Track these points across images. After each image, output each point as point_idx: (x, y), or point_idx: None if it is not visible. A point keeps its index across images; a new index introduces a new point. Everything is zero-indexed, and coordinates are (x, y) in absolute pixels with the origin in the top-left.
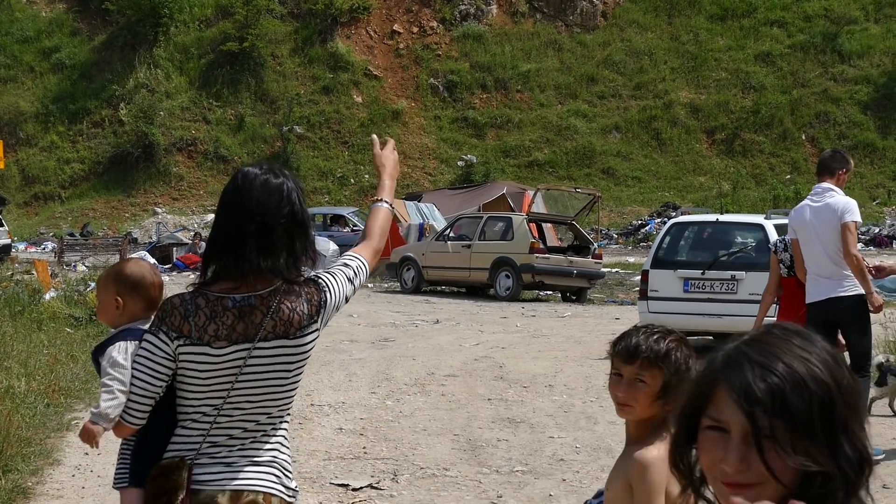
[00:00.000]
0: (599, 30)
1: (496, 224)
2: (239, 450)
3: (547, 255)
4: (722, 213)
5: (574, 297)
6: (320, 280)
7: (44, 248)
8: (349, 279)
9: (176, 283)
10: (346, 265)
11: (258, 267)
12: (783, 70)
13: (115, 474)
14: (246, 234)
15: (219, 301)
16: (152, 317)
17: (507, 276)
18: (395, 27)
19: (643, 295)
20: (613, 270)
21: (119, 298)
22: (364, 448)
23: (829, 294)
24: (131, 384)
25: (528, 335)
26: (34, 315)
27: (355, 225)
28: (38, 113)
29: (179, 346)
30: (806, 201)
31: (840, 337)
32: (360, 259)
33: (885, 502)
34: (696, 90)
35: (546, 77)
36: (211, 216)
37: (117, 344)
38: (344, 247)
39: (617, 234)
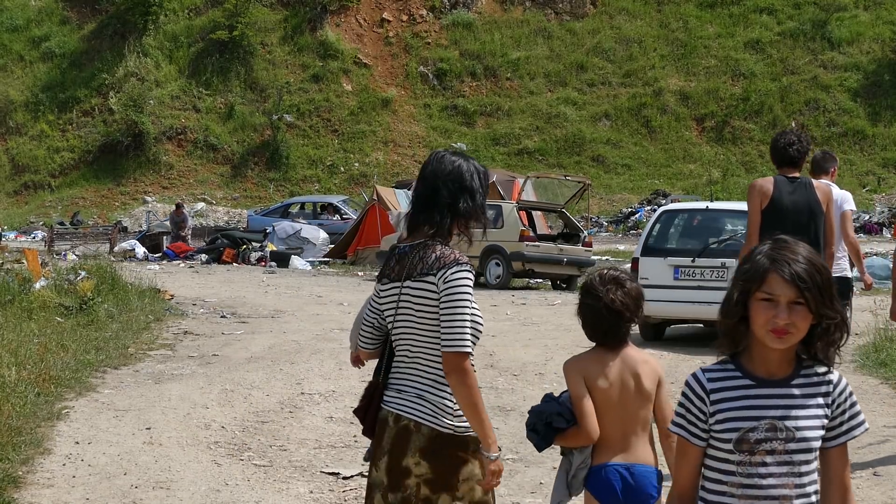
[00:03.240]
0: (589, 17)
1: (486, 212)
2: (404, 380)
3: (537, 243)
4: (712, 201)
5: (564, 285)
6: (463, 269)
7: (34, 237)
8: (459, 304)
9: (166, 272)
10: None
11: (416, 220)
12: (773, 57)
13: None
14: (417, 195)
15: (394, 249)
16: None
17: (497, 264)
18: (385, 15)
19: None
20: (604, 258)
21: None
22: (355, 436)
23: (835, 272)
24: (364, 315)
25: (519, 323)
26: (24, 304)
27: (345, 213)
28: (27, 102)
29: (376, 285)
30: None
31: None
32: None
33: (877, 489)
34: (685, 78)
35: (535, 65)
36: (201, 205)
37: None
38: (334, 235)
39: (607, 221)
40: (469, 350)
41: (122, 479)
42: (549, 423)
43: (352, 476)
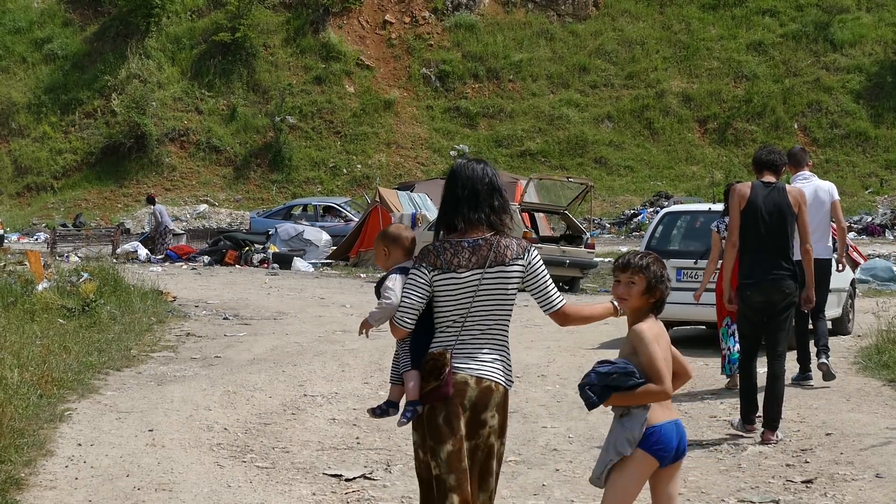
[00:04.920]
0: (591, 19)
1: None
2: (479, 348)
3: (539, 245)
4: (714, 203)
5: (567, 287)
6: (531, 245)
7: (36, 239)
8: (544, 273)
9: (169, 274)
10: (549, 279)
11: (470, 219)
12: (775, 59)
13: (392, 371)
14: (459, 198)
15: (458, 243)
16: (411, 259)
17: None
18: (387, 17)
19: None
20: (606, 260)
21: (386, 250)
22: (357, 438)
23: (817, 255)
24: (402, 300)
25: (521, 325)
26: (27, 306)
27: (348, 216)
28: (30, 103)
29: (435, 275)
30: (797, 185)
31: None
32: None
33: (879, 491)
34: (688, 79)
35: (538, 67)
36: (203, 206)
37: (391, 276)
38: (336, 237)
39: (609, 223)
40: (564, 301)
41: (125, 481)
42: (608, 385)
43: (354, 478)
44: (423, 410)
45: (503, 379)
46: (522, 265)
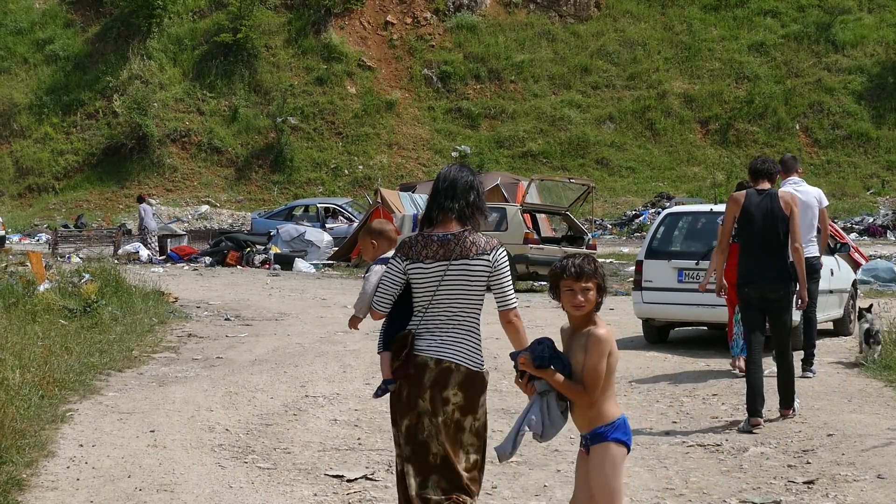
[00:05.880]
0: (593, 20)
1: (490, 214)
2: (441, 332)
3: (541, 246)
4: (716, 204)
5: None
6: (504, 249)
7: (38, 240)
8: (506, 273)
9: (170, 275)
10: (509, 281)
11: (445, 207)
12: (777, 60)
13: (378, 346)
14: (438, 189)
15: (429, 237)
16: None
17: None
18: (389, 18)
19: (637, 285)
20: (608, 261)
21: (373, 242)
22: (359, 439)
23: (806, 254)
24: (379, 287)
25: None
26: (28, 307)
27: (350, 216)
28: (31, 104)
29: (407, 264)
30: (789, 189)
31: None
32: (513, 296)
33: (881, 492)
34: (689, 80)
35: (540, 67)
36: (205, 207)
37: (372, 267)
38: (338, 238)
39: (611, 224)
40: (517, 304)
41: (126, 482)
42: (554, 358)
43: (356, 479)
44: (394, 388)
45: (466, 360)
46: (488, 260)
